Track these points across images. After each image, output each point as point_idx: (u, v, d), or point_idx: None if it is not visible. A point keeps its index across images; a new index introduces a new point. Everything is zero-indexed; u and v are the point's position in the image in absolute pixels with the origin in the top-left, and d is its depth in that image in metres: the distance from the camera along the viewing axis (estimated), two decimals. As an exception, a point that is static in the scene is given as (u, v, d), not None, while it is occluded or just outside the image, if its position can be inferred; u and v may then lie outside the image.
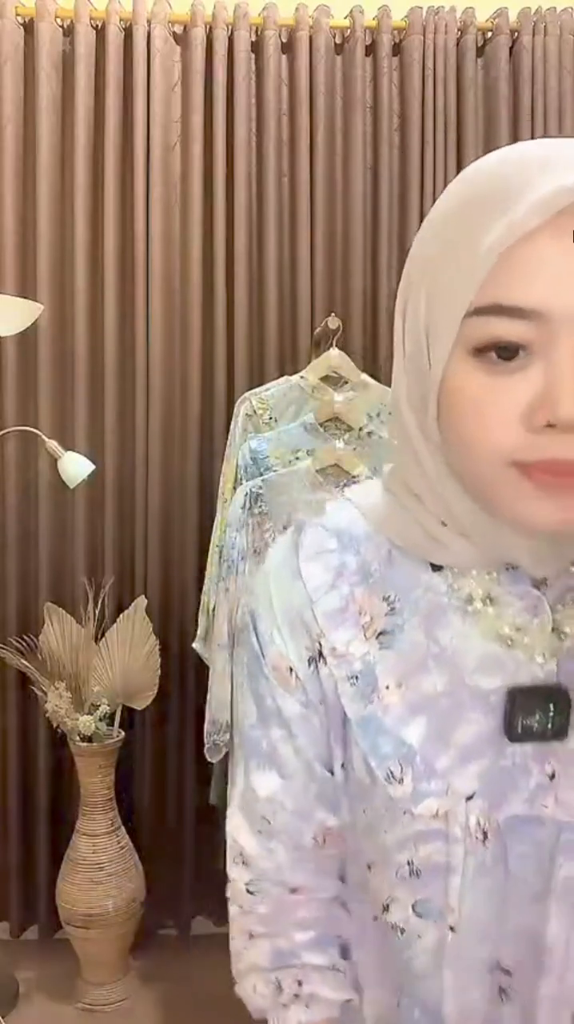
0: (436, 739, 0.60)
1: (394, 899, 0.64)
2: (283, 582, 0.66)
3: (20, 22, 2.28)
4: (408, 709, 0.61)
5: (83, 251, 2.30)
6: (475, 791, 0.60)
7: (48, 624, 2.18)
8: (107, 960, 2.18)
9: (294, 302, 2.36)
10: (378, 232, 2.36)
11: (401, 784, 0.61)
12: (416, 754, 0.61)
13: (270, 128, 2.32)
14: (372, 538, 0.65)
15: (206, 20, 2.29)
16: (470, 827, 0.60)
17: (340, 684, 0.63)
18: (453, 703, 0.61)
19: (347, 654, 0.63)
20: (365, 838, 0.66)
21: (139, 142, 2.28)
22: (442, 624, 0.62)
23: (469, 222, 0.52)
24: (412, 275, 0.59)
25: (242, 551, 1.89)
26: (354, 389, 2.03)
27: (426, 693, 0.61)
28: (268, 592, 0.67)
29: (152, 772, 2.38)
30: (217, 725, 1.92)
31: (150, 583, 2.35)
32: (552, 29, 2.34)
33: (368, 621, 0.64)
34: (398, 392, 0.61)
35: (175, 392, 2.36)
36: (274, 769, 0.67)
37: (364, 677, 0.63)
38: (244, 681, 0.69)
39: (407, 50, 2.33)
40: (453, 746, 0.60)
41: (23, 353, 2.32)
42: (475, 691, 0.60)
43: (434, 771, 0.60)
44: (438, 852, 0.61)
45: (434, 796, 0.60)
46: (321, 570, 0.65)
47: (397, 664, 0.62)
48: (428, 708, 0.61)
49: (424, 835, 0.61)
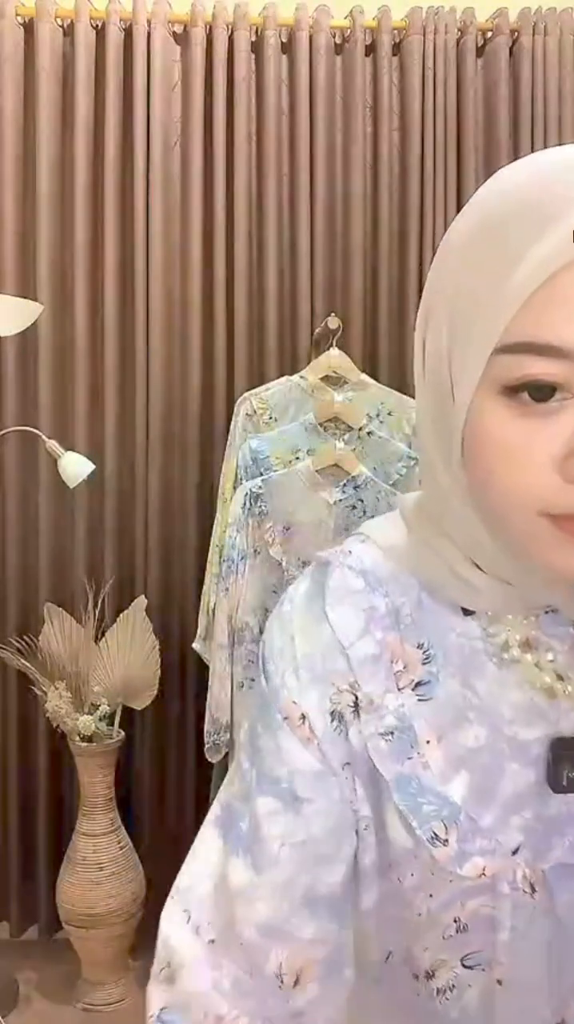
0: (480, 795, 0.56)
1: (442, 962, 0.58)
2: (308, 625, 0.59)
3: (20, 22, 2.28)
4: (450, 765, 0.56)
5: (83, 251, 2.30)
6: (520, 844, 0.56)
7: (48, 624, 2.18)
8: (107, 960, 2.18)
9: (294, 302, 2.36)
10: (378, 232, 2.36)
11: (445, 846, 0.55)
12: (460, 812, 0.56)
13: (270, 128, 2.32)
14: (398, 579, 0.60)
15: (206, 20, 2.29)
16: (517, 881, 0.56)
17: (371, 741, 0.57)
18: (494, 756, 0.56)
19: (381, 707, 0.57)
20: (396, 912, 0.59)
21: (139, 142, 2.28)
22: (479, 673, 0.57)
23: (496, 251, 0.47)
24: (432, 306, 0.54)
25: (242, 551, 1.89)
26: (354, 389, 2.03)
27: (467, 747, 0.57)
28: (289, 632, 0.60)
29: (152, 772, 2.38)
30: (217, 725, 1.92)
31: (150, 583, 2.35)
32: (552, 29, 2.33)
33: (401, 670, 0.58)
34: (423, 425, 0.56)
35: (175, 392, 2.36)
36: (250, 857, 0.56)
37: (401, 732, 0.57)
38: (243, 739, 0.61)
39: (407, 50, 2.33)
40: (496, 801, 0.56)
41: (23, 353, 2.32)
42: (513, 742, 0.56)
43: (479, 829, 0.56)
44: (485, 906, 0.56)
45: (480, 855, 0.55)
46: (352, 614, 0.58)
47: (436, 717, 0.57)
48: (470, 762, 0.57)
49: (470, 891, 0.56)
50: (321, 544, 1.86)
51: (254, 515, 1.89)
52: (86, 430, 2.33)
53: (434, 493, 0.57)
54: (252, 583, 1.90)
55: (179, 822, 2.39)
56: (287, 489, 1.88)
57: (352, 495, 1.89)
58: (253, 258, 2.36)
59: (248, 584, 1.90)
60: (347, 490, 1.89)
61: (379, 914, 0.59)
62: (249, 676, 1.90)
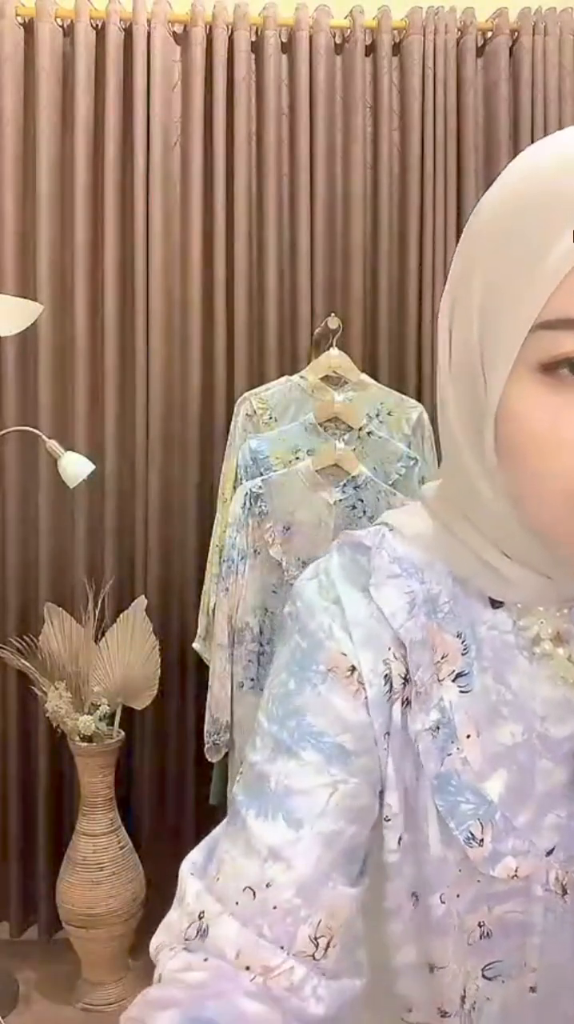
0: (517, 794, 0.54)
1: (459, 972, 0.57)
2: (353, 597, 0.56)
3: (20, 22, 2.28)
4: (487, 762, 0.55)
5: (83, 251, 2.30)
6: (555, 845, 0.55)
7: (48, 624, 2.18)
8: (107, 960, 2.18)
9: (294, 302, 2.36)
10: (378, 232, 2.36)
11: (480, 846, 0.53)
12: (497, 811, 0.54)
13: (270, 128, 2.32)
14: (433, 567, 0.58)
15: (206, 20, 2.29)
16: (550, 883, 0.54)
17: (420, 736, 0.55)
18: (529, 754, 0.55)
19: (428, 698, 0.55)
20: (421, 898, 0.57)
21: (139, 142, 2.28)
22: (510, 667, 0.56)
23: (532, 227, 0.47)
24: (458, 295, 0.53)
25: (242, 551, 1.89)
26: (354, 389, 2.03)
27: (504, 744, 0.55)
28: (332, 596, 0.56)
29: (152, 772, 2.38)
30: (217, 725, 1.92)
31: (150, 583, 2.35)
32: (552, 29, 2.33)
33: (441, 660, 0.56)
34: (447, 412, 0.55)
35: (175, 392, 2.36)
36: (280, 816, 0.51)
37: (444, 727, 0.55)
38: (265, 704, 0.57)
39: (407, 50, 2.33)
40: (533, 800, 0.55)
41: (23, 353, 2.32)
42: (545, 739, 0.55)
43: (514, 828, 0.54)
44: (514, 911, 0.55)
45: (513, 855, 0.54)
46: (396, 596, 0.56)
47: (474, 710, 0.55)
48: (506, 760, 0.55)
49: (499, 895, 0.55)
50: (321, 544, 1.85)
51: (254, 515, 1.89)
52: (86, 430, 2.33)
53: (460, 483, 0.55)
54: (252, 583, 1.90)
55: (179, 822, 2.39)
56: (287, 489, 1.88)
57: (352, 495, 1.89)
58: (253, 258, 2.36)
59: (248, 584, 1.90)
60: (347, 490, 1.89)
61: (398, 912, 0.57)
62: (249, 676, 1.90)
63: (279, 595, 1.89)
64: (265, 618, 1.90)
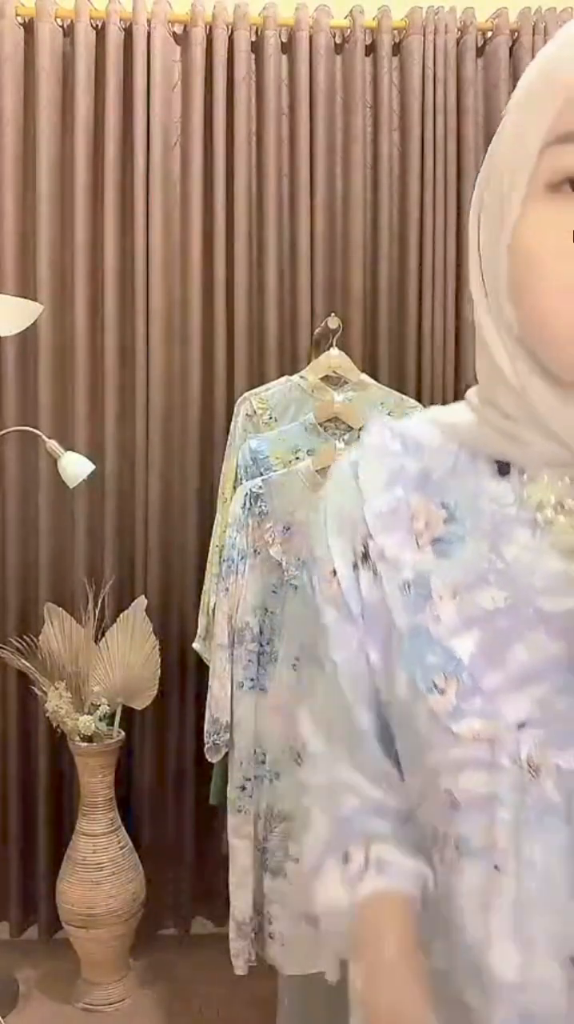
0: (487, 656, 0.56)
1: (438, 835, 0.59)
2: (340, 482, 0.66)
3: (20, 22, 2.28)
4: (461, 621, 0.57)
5: (83, 251, 2.30)
6: (528, 719, 0.54)
7: (48, 624, 2.18)
8: (107, 960, 2.18)
9: (294, 302, 2.36)
10: (378, 232, 2.36)
11: (443, 696, 0.56)
12: (464, 669, 0.56)
13: (270, 128, 2.32)
14: (442, 449, 0.63)
15: (206, 20, 2.29)
16: (521, 759, 0.54)
17: (390, 593, 0.60)
18: (512, 621, 0.56)
19: (398, 560, 0.61)
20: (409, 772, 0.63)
21: (139, 142, 2.28)
22: (508, 538, 0.57)
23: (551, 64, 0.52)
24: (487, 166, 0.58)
25: (242, 551, 1.89)
26: (354, 389, 2.03)
27: (482, 607, 0.57)
28: (327, 490, 0.67)
29: (152, 772, 2.38)
30: (217, 725, 1.92)
31: (150, 583, 2.35)
32: (552, 29, 2.33)
33: (422, 527, 0.61)
34: (477, 296, 0.59)
35: (175, 392, 2.36)
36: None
37: (417, 586, 0.59)
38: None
39: (407, 50, 2.33)
40: (506, 667, 0.55)
41: (23, 353, 2.32)
42: (541, 612, 0.55)
43: (480, 689, 0.56)
44: (480, 783, 0.56)
45: (477, 716, 0.55)
46: (377, 470, 0.63)
47: (453, 574, 0.58)
48: (483, 623, 0.57)
49: (465, 762, 0.56)
50: (321, 544, 1.85)
51: (254, 515, 1.89)
52: (86, 430, 2.33)
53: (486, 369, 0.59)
54: (252, 583, 1.90)
55: (179, 822, 2.39)
56: (287, 489, 1.88)
57: (352, 495, 1.89)
58: (253, 258, 2.36)
59: (248, 584, 1.90)
60: (347, 490, 1.89)
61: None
62: (249, 676, 1.90)
63: (279, 595, 1.89)
64: (265, 618, 1.90)
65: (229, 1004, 2.10)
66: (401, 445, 0.64)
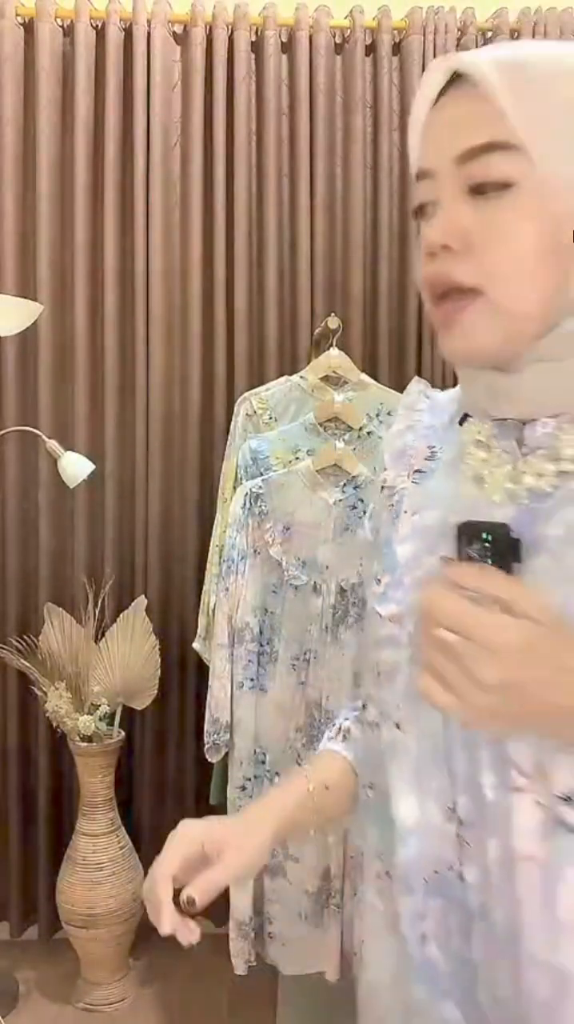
0: (414, 560, 0.71)
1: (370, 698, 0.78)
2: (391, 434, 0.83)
3: (20, 22, 2.28)
4: (409, 532, 0.73)
5: (83, 251, 2.30)
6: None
7: (48, 624, 2.18)
8: (107, 960, 2.18)
9: (294, 302, 2.36)
10: (378, 232, 2.36)
11: (378, 585, 0.74)
12: (398, 567, 0.72)
13: (270, 128, 2.32)
14: (449, 407, 0.78)
15: (206, 20, 2.29)
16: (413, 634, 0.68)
17: (386, 512, 0.78)
18: (436, 535, 0.70)
19: (393, 487, 0.78)
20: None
21: (139, 142, 2.28)
22: (452, 470, 0.72)
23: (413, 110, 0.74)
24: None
25: (242, 551, 1.89)
26: (354, 389, 2.03)
27: (425, 524, 0.72)
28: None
29: (152, 772, 2.38)
30: (217, 725, 1.92)
31: (150, 583, 2.35)
32: (552, 29, 2.33)
33: (412, 463, 0.77)
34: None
35: (175, 392, 2.36)
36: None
37: (397, 505, 0.76)
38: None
39: (407, 50, 2.33)
40: (422, 567, 0.70)
41: (23, 353, 2.32)
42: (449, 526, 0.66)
43: (402, 583, 0.72)
44: (391, 656, 0.71)
45: (395, 603, 0.71)
46: (402, 422, 0.81)
47: (417, 498, 0.75)
48: (419, 535, 0.72)
49: (385, 639, 0.72)
50: (321, 544, 1.85)
51: (254, 515, 1.89)
52: (86, 430, 2.33)
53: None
54: (252, 583, 1.90)
55: (179, 822, 2.38)
56: (287, 489, 1.88)
57: (352, 495, 1.89)
58: (253, 258, 2.36)
59: (248, 584, 1.90)
60: (347, 490, 1.88)
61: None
62: (249, 676, 1.90)
63: (279, 595, 1.89)
64: (265, 618, 1.90)
65: (229, 1004, 2.10)
66: (427, 404, 0.81)
